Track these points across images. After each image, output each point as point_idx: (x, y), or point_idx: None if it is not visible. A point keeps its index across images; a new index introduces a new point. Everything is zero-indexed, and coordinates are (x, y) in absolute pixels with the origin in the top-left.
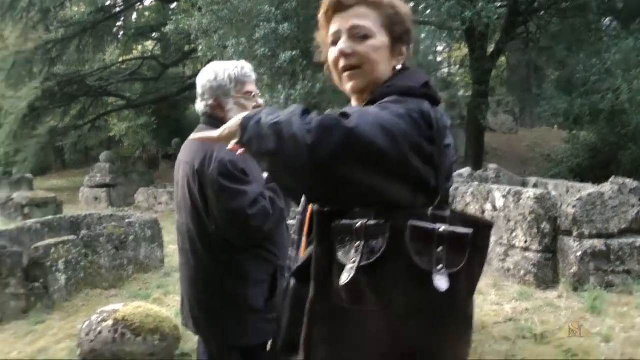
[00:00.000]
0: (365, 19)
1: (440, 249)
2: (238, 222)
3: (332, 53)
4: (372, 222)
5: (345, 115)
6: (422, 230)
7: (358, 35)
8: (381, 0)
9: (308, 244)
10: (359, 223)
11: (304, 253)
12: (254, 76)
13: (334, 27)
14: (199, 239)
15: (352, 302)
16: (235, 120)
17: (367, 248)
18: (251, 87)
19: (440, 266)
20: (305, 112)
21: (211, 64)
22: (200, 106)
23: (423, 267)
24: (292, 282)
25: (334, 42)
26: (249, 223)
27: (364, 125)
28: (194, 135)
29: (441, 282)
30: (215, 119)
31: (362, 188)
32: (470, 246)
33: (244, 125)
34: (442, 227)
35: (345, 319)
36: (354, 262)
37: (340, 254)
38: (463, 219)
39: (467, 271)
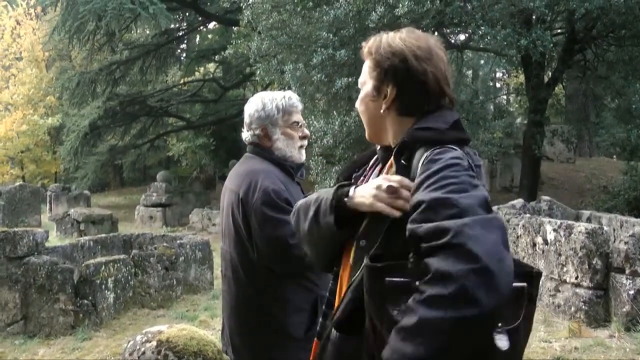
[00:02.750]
0: None
1: None
2: (280, 251)
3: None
4: None
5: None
6: None
7: None
8: None
9: (347, 290)
10: (417, 282)
11: (340, 300)
12: (300, 106)
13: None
14: (241, 267)
15: None
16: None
17: None
18: (298, 117)
19: (500, 324)
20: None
21: (258, 94)
22: (247, 135)
23: None
24: (334, 333)
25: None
26: (291, 252)
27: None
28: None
29: (502, 342)
30: (262, 148)
31: None
32: (527, 300)
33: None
34: None
35: None
36: None
37: (395, 312)
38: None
39: (524, 324)
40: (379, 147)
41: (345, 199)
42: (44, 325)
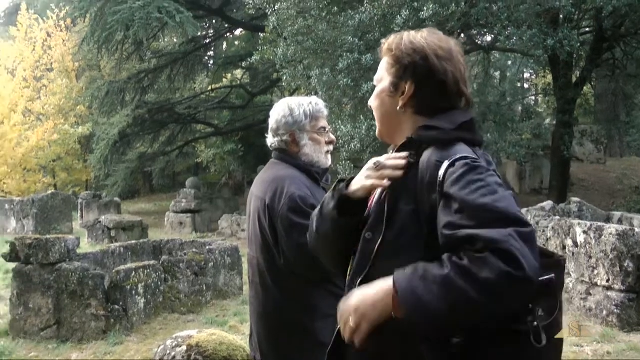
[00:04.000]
0: None
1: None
2: (307, 257)
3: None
4: None
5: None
6: None
7: None
8: None
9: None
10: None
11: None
12: (326, 112)
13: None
14: (268, 273)
15: None
16: None
17: None
18: (324, 123)
19: (535, 323)
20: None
21: (284, 99)
22: (273, 141)
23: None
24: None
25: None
26: (318, 258)
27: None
28: None
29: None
30: (288, 154)
31: None
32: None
33: None
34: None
35: None
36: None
37: None
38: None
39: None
40: (391, 150)
41: (346, 190)
42: (76, 330)
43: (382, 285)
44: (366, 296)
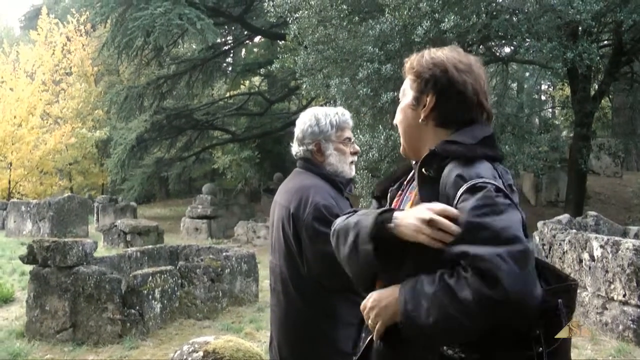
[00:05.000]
0: None
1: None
2: (330, 266)
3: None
4: None
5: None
6: None
7: None
8: None
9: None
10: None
11: None
12: (351, 123)
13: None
14: (291, 281)
15: None
16: None
17: None
18: (349, 134)
19: (540, 348)
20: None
21: (310, 109)
22: (298, 150)
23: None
24: (377, 344)
25: None
26: (341, 268)
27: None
28: None
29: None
30: (312, 164)
31: None
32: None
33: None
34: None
35: None
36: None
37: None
38: (551, 271)
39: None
40: (414, 162)
41: (389, 224)
42: (92, 333)
43: (394, 292)
44: (381, 299)
